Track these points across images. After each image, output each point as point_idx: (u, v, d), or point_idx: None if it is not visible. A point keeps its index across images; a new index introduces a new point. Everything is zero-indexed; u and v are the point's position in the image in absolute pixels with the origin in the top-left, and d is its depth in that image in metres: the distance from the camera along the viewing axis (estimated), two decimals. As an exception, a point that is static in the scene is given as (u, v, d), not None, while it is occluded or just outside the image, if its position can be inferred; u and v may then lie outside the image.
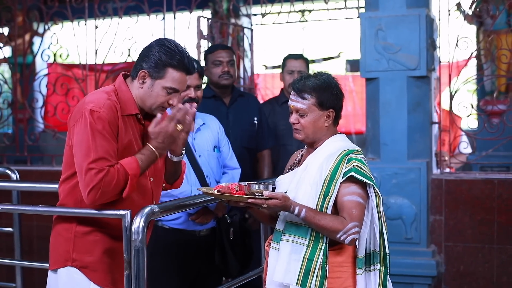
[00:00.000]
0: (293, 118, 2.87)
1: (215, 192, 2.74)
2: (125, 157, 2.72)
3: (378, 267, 2.83)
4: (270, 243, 2.93)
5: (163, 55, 2.76)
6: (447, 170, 4.95)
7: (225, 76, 4.45)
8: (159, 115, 2.78)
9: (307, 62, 5.18)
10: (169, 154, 2.91)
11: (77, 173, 2.69)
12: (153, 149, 2.76)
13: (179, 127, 2.77)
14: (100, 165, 2.62)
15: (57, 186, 2.89)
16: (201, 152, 3.80)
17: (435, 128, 4.92)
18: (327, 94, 2.83)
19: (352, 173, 2.73)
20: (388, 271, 2.86)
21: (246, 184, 2.69)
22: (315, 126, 2.85)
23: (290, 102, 2.88)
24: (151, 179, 2.90)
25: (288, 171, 3.01)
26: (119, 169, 2.66)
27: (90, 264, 2.77)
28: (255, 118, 4.54)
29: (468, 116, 5.02)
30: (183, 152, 2.96)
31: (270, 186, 2.70)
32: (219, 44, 5.20)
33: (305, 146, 3.00)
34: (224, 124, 4.33)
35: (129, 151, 2.76)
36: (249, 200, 2.63)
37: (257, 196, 2.63)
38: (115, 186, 2.65)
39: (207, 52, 4.62)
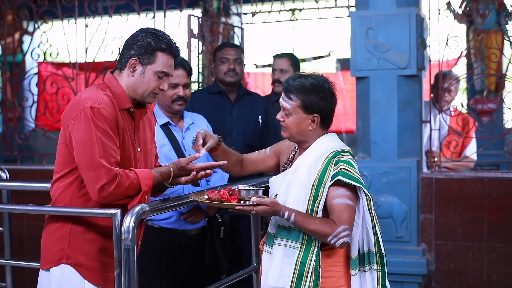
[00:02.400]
0: (279, 115, 2.87)
1: (206, 198, 2.77)
2: (122, 151, 2.74)
3: (375, 267, 2.82)
4: (264, 243, 2.93)
5: (151, 41, 2.78)
6: (445, 170, 4.96)
7: (230, 73, 4.46)
8: (197, 154, 2.88)
9: (294, 60, 5.19)
10: (166, 182, 2.91)
11: (81, 169, 2.68)
12: (172, 174, 2.84)
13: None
14: (109, 162, 2.63)
15: (47, 185, 2.87)
16: (191, 151, 3.78)
17: (426, 126, 4.93)
18: (313, 97, 2.79)
19: (339, 177, 2.71)
20: (386, 270, 2.85)
21: (237, 189, 2.70)
22: (299, 128, 2.84)
23: (280, 99, 2.89)
24: None
25: (282, 170, 3.00)
26: (135, 178, 2.68)
27: (85, 262, 2.76)
28: (260, 117, 4.54)
29: (458, 115, 5.03)
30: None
31: (260, 191, 2.70)
32: (228, 42, 5.19)
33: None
34: (228, 120, 4.35)
35: (125, 144, 2.77)
36: (237, 208, 2.63)
37: (245, 203, 2.64)
38: (125, 191, 2.67)
39: (216, 50, 4.67)
